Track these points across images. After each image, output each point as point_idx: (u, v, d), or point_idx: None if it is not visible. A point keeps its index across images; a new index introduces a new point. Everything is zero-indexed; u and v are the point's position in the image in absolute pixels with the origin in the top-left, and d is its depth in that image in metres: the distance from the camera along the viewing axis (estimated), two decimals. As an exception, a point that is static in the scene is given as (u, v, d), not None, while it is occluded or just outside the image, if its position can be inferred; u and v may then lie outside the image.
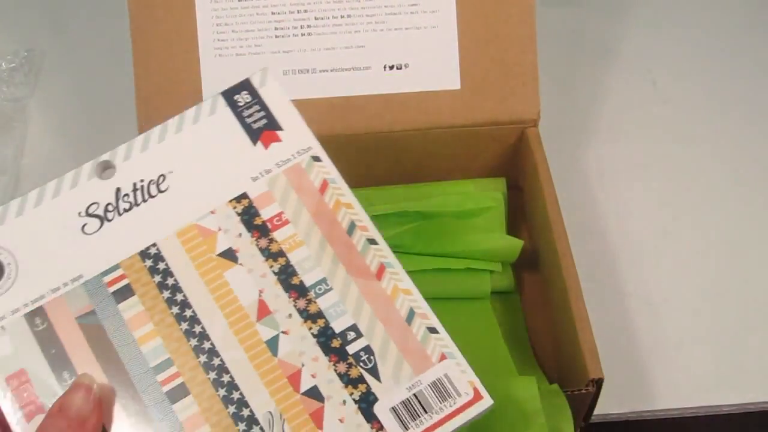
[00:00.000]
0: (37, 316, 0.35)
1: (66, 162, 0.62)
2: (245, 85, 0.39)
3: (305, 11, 0.50)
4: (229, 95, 0.39)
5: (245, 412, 0.33)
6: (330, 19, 0.50)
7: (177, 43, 0.50)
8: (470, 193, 0.54)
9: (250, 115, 0.38)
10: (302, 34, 0.50)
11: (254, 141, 0.38)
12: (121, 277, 0.36)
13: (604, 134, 0.63)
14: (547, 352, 0.50)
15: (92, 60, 0.68)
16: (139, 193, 0.37)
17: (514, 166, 0.55)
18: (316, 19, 0.50)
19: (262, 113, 0.38)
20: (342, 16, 0.50)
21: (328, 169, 0.37)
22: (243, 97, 0.39)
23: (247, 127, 0.38)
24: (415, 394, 0.33)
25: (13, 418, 0.33)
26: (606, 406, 0.50)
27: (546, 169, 0.49)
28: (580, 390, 0.41)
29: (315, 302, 0.35)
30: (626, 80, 0.66)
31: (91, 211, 0.37)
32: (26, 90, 0.66)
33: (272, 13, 0.50)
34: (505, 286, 0.52)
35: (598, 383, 0.41)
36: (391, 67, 0.51)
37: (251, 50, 0.50)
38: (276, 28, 0.50)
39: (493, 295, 0.52)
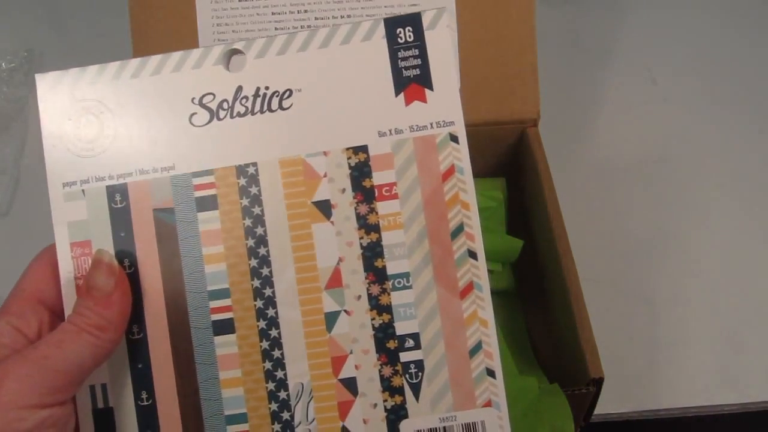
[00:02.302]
0: (118, 192, 0.33)
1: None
2: (413, 21, 0.33)
3: (305, 11, 0.50)
4: (391, 26, 0.33)
5: (279, 374, 0.33)
6: (330, 19, 0.50)
7: (177, 43, 0.50)
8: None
9: (405, 59, 0.33)
10: (302, 34, 0.50)
11: (397, 92, 0.33)
12: (211, 186, 0.33)
13: (604, 134, 0.63)
14: (547, 352, 0.50)
15: (92, 60, 0.67)
16: (259, 101, 0.33)
17: (514, 166, 0.55)
18: (316, 19, 0.50)
19: (418, 62, 0.33)
20: (342, 17, 0.50)
21: (461, 155, 0.33)
22: (405, 34, 0.33)
23: (396, 73, 0.33)
24: (444, 428, 0.32)
25: (66, 286, 0.32)
26: (606, 406, 0.50)
27: (546, 169, 0.49)
28: (580, 390, 0.41)
29: (389, 294, 0.33)
30: (626, 80, 0.66)
31: (205, 101, 0.33)
32: (26, 90, 0.66)
33: (272, 14, 0.50)
34: (505, 286, 0.52)
35: (598, 383, 0.41)
36: (391, 67, 0.51)
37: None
38: (276, 28, 0.50)
39: (493, 294, 0.51)
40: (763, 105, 0.64)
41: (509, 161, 0.55)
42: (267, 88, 0.33)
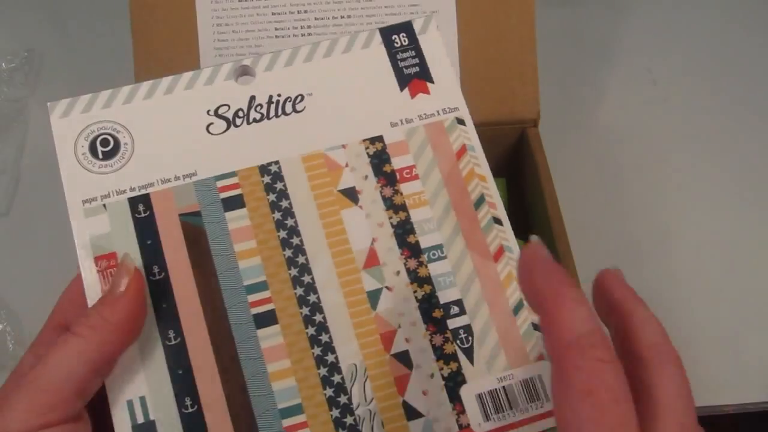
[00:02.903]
0: (141, 202, 0.33)
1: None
2: (405, 28, 0.37)
3: (305, 11, 0.50)
4: (386, 33, 0.36)
5: (330, 358, 0.32)
6: (330, 19, 0.50)
7: (177, 43, 0.50)
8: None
9: (403, 59, 0.36)
10: (302, 35, 0.50)
11: (402, 87, 0.36)
12: (235, 186, 0.34)
13: (604, 134, 0.63)
14: (547, 352, 0.50)
15: (92, 60, 0.68)
16: (273, 107, 0.35)
17: (514, 166, 0.55)
18: (316, 19, 0.50)
19: (416, 60, 0.36)
20: (342, 17, 0.50)
21: (469, 135, 0.35)
22: (400, 39, 0.36)
23: (398, 71, 0.36)
24: (504, 387, 0.32)
25: (91, 300, 0.32)
26: (606, 406, 0.50)
27: (546, 169, 0.49)
28: (580, 390, 0.41)
29: (426, 266, 0.33)
30: (626, 80, 0.66)
31: (220, 112, 0.35)
32: (26, 90, 0.66)
33: (272, 14, 0.50)
34: (505, 286, 0.52)
35: (598, 383, 0.41)
36: (391, 67, 0.51)
37: (251, 50, 0.50)
38: (276, 29, 0.50)
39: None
40: (764, 104, 0.64)
41: (509, 161, 0.55)
42: (279, 95, 0.35)
